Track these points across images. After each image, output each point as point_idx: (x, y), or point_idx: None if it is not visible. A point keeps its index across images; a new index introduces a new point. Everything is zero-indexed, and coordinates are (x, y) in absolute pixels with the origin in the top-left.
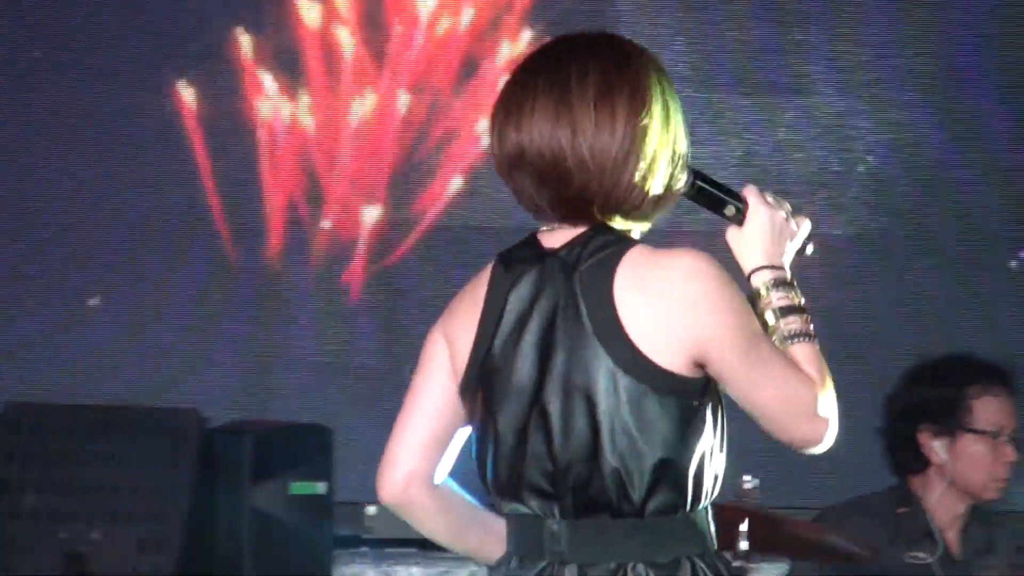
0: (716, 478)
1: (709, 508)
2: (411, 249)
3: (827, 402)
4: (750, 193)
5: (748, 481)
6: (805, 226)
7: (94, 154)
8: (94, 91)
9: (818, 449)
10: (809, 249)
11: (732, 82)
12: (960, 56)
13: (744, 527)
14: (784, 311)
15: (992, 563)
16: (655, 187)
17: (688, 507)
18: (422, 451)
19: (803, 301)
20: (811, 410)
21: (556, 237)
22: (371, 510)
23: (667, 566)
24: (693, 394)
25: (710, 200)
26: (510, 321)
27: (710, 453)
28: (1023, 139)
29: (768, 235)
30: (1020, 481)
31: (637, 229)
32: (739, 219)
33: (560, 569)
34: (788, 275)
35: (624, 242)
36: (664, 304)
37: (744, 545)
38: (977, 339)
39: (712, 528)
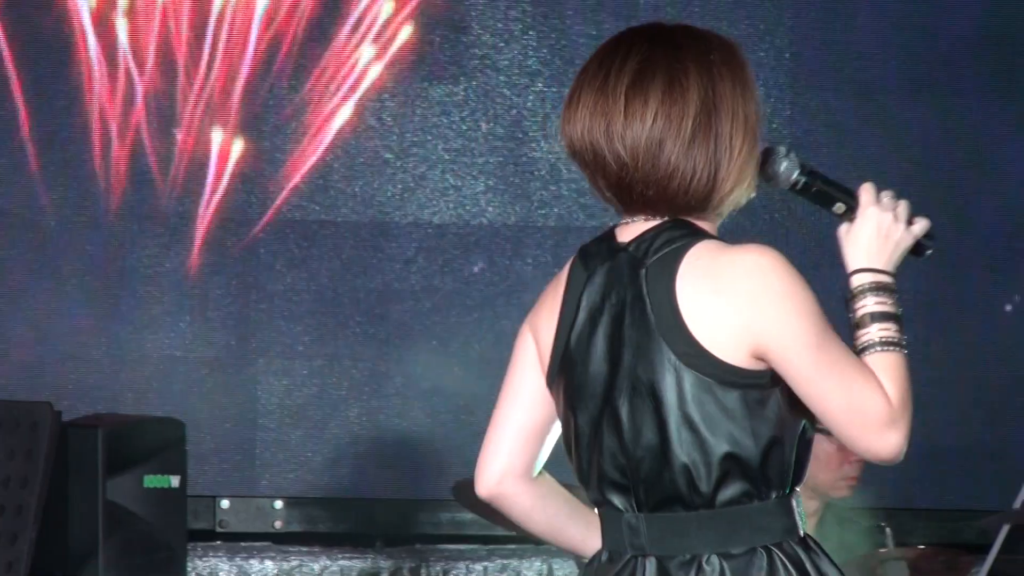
0: (792, 466)
1: (793, 495)
2: (262, 243)
3: (899, 415)
4: (864, 191)
5: None
6: (919, 227)
7: None
8: None
9: (887, 462)
10: (929, 251)
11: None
12: (817, 54)
13: None
14: (878, 316)
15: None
16: (702, 176)
17: (762, 496)
18: (516, 445)
19: (900, 310)
20: (877, 422)
21: (630, 231)
22: (225, 504)
23: (741, 556)
24: (757, 386)
25: (819, 196)
26: (584, 317)
27: (783, 442)
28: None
29: (874, 237)
30: (872, 481)
31: (712, 223)
32: (850, 217)
33: (642, 562)
34: (889, 280)
35: (693, 236)
36: (724, 299)
37: None
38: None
39: (796, 515)
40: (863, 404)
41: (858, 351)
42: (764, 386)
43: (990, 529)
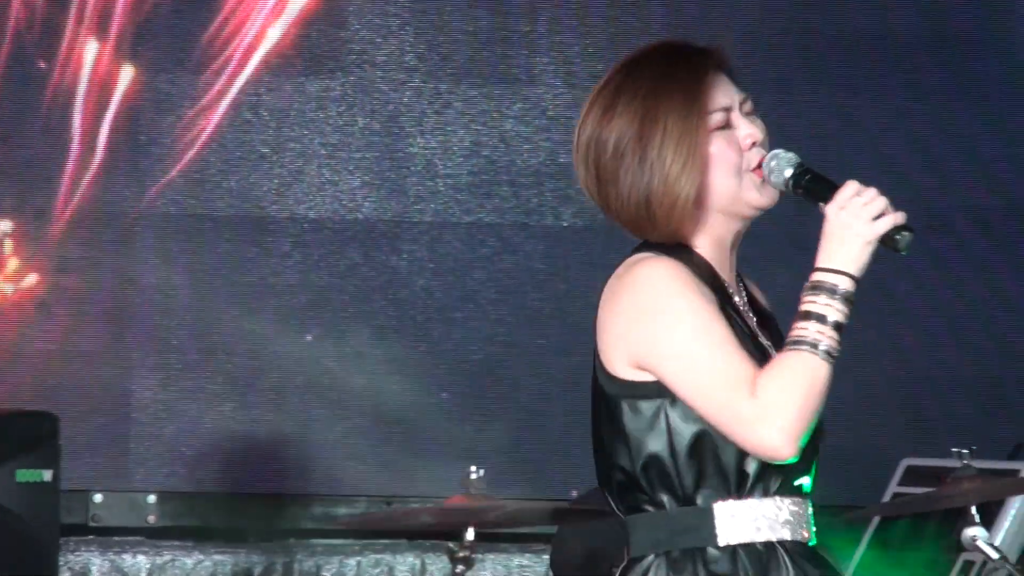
0: (688, 473)
1: (693, 504)
2: (139, 236)
3: (769, 412)
4: (843, 189)
5: (473, 472)
6: (884, 222)
7: None
8: None
9: (771, 459)
10: (903, 245)
11: (460, 73)
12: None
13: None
14: (800, 315)
15: None
16: (631, 196)
17: (656, 504)
18: None
19: (837, 313)
20: (745, 420)
21: None
22: (98, 498)
23: (632, 562)
24: (645, 397)
25: (808, 194)
26: None
27: (675, 450)
28: None
29: (832, 236)
30: None
31: (693, 238)
32: None
33: None
34: (837, 279)
35: (635, 254)
36: (611, 315)
37: (470, 535)
38: None
39: (691, 524)
40: (731, 404)
41: (786, 342)
42: (651, 396)
43: (857, 522)
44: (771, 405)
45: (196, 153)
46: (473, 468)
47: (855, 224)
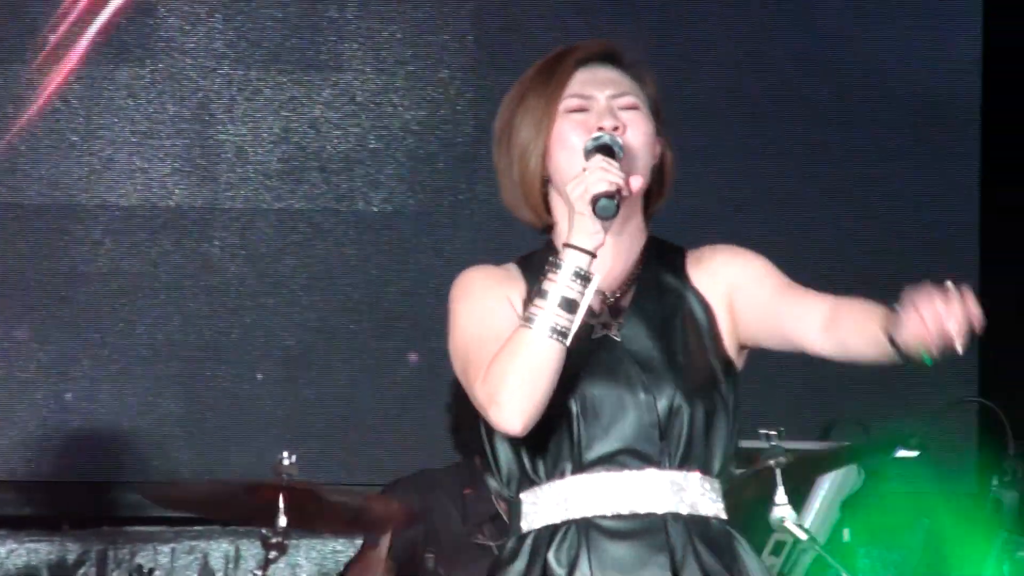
0: (496, 465)
1: (518, 495)
2: None
3: (491, 390)
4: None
5: (286, 458)
6: (589, 193)
7: None
8: None
9: (508, 433)
10: (606, 212)
11: (269, 59)
12: (499, 37)
13: (282, 503)
14: (536, 293)
15: (486, 529)
16: (502, 180)
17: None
18: None
19: (552, 287)
20: (482, 403)
21: None
22: None
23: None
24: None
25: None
26: None
27: (494, 445)
28: None
29: (569, 213)
30: None
31: (550, 230)
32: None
33: None
34: (563, 256)
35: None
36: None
37: (283, 521)
38: None
39: (515, 516)
40: (473, 391)
41: None
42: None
43: None
44: (493, 384)
45: (6, 142)
46: (285, 454)
47: (574, 198)
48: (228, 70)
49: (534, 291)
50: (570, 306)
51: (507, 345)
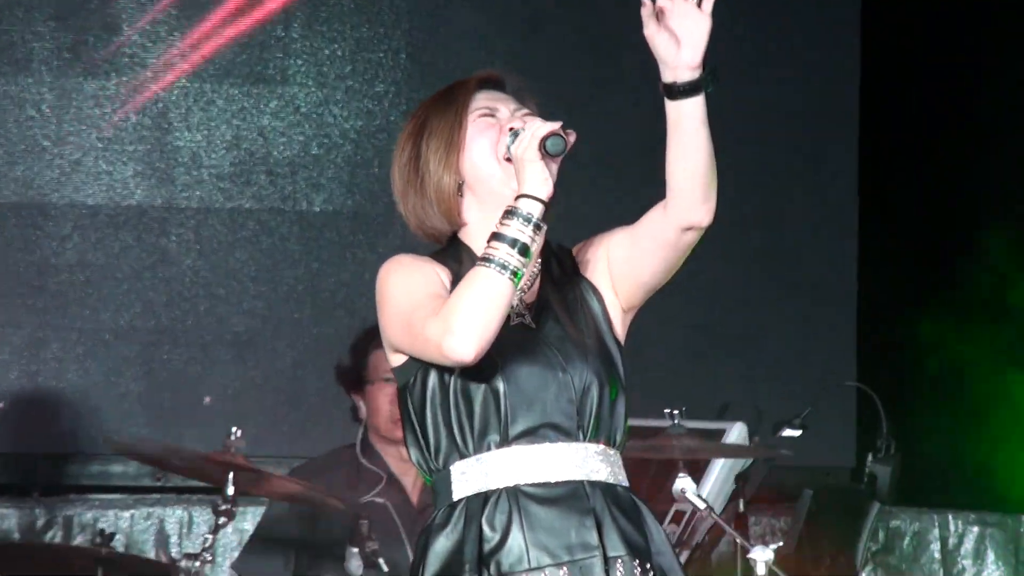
0: (433, 436)
1: (444, 468)
2: None
3: (448, 322)
4: None
5: (234, 432)
6: (536, 139)
7: None
8: None
9: (457, 361)
10: (557, 149)
11: (221, 73)
12: (429, 55)
13: (231, 474)
14: (492, 236)
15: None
16: (403, 193)
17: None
18: None
19: (507, 230)
20: (428, 338)
21: None
22: None
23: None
24: (402, 378)
25: (521, 150)
26: None
27: (420, 425)
28: None
29: (517, 171)
30: None
31: (457, 236)
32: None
33: None
34: (516, 204)
35: None
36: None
37: (231, 490)
38: None
39: (444, 488)
40: (423, 331)
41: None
42: (404, 377)
43: None
44: (447, 316)
45: None
46: (234, 429)
47: (520, 152)
48: (185, 83)
49: (489, 236)
50: (523, 249)
51: (463, 283)
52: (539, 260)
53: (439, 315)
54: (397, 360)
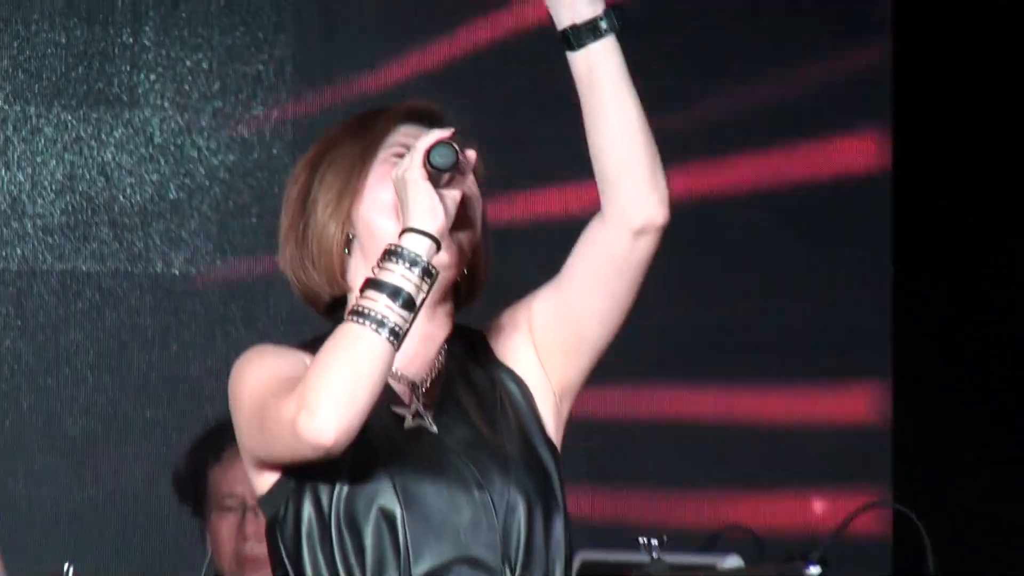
0: (311, 572)
1: None
2: None
3: (305, 395)
4: None
5: (66, 571)
6: (419, 155)
7: None
8: None
9: (316, 447)
10: (445, 173)
11: (50, 93)
12: (324, 67)
13: None
14: (367, 283)
15: None
16: (285, 242)
17: None
18: None
19: (379, 276)
20: (282, 421)
21: None
22: None
23: None
24: (270, 509)
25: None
26: None
27: (296, 568)
28: None
29: (400, 201)
30: None
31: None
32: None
33: None
34: (407, 238)
35: None
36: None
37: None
38: None
39: None
40: (277, 414)
41: None
42: (282, 499)
43: None
44: (304, 389)
45: None
46: (66, 565)
47: (402, 174)
48: (1, 104)
49: (363, 282)
50: (407, 301)
51: (327, 344)
52: (443, 344)
53: (297, 389)
54: (263, 484)
